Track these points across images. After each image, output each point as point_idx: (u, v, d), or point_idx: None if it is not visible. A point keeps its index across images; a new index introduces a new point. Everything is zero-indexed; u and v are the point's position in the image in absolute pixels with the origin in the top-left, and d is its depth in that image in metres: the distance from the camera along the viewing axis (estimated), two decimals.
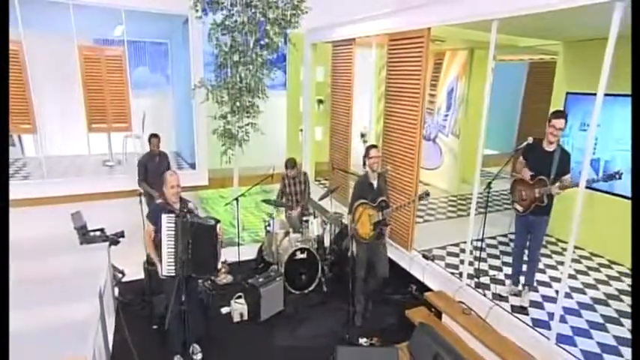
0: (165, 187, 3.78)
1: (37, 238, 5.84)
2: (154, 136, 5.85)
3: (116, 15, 6.53)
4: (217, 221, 3.78)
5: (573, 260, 5.21)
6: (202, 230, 3.66)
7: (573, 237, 3.40)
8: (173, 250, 3.64)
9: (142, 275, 5.37)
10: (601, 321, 3.94)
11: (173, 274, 3.64)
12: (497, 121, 8.32)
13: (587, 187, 3.32)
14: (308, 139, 7.98)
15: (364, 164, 4.46)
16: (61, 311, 4.23)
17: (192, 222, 3.61)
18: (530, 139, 3.87)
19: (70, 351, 3.14)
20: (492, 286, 4.44)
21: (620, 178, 3.43)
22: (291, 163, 5.69)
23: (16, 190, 5.95)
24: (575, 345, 3.55)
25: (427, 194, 4.29)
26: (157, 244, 3.75)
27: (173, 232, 3.62)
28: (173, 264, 3.65)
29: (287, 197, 5.85)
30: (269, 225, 5.58)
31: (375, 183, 4.42)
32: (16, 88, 5.95)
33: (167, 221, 3.60)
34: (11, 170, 6.80)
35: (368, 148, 4.45)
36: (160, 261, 3.70)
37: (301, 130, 8.90)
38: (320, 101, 8.96)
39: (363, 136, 8.66)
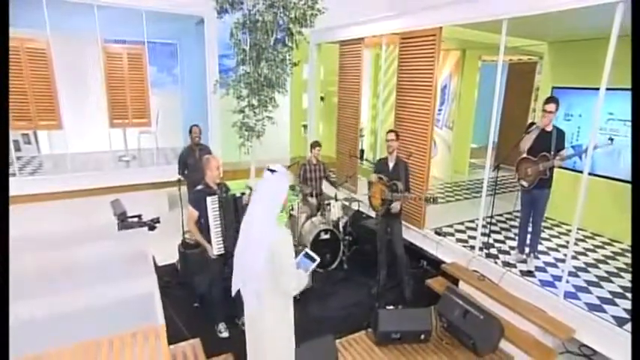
0: (209, 169, 4.01)
1: (68, 229, 6.05)
2: (195, 126, 5.84)
3: (128, 16, 6.72)
4: (242, 194, 4.18)
5: (561, 233, 5.89)
6: (239, 203, 4.06)
7: (578, 214, 3.88)
8: (220, 229, 3.94)
9: (171, 260, 5.67)
10: (595, 280, 4.57)
11: (223, 252, 3.96)
12: (481, 117, 8.94)
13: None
14: (313, 134, 8.43)
15: (361, 157, 4.93)
16: (118, 290, 4.51)
17: (235, 198, 3.98)
18: (539, 123, 4.47)
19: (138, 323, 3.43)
20: (500, 255, 5.04)
21: (612, 142, 4.06)
22: (318, 144, 6.17)
23: (40, 185, 6.13)
24: (579, 299, 4.14)
25: (435, 200, 4.71)
26: (202, 229, 3.99)
27: (218, 213, 3.92)
28: (222, 243, 3.95)
29: (307, 183, 6.18)
30: (292, 209, 5.96)
31: (390, 165, 4.91)
32: (43, 86, 6.13)
33: (212, 203, 3.89)
34: (30, 168, 6.92)
35: (387, 132, 5.01)
36: (209, 242, 3.95)
37: (304, 126, 9.33)
38: (321, 98, 9.42)
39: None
